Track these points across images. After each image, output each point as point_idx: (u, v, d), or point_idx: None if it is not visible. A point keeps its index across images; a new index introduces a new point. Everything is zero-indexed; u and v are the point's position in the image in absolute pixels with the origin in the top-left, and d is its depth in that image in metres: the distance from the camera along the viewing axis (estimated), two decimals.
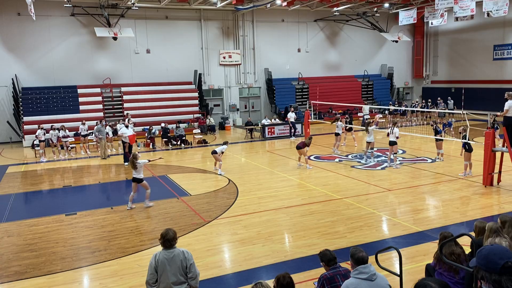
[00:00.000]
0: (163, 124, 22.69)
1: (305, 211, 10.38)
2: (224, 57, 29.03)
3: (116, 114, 25.47)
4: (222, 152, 14.94)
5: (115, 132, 20.33)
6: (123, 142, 17.14)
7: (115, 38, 24.45)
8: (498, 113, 11.94)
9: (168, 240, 4.94)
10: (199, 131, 24.17)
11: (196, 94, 27.76)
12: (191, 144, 21.87)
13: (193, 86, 28.08)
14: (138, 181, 10.89)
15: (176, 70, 27.91)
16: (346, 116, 23.06)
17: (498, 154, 11.92)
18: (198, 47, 28.47)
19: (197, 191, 12.56)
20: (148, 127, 22.82)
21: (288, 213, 10.26)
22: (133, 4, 23.79)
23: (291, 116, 23.45)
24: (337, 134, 17.91)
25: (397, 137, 14.78)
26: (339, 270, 4.68)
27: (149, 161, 12.53)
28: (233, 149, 20.11)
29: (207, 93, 29.20)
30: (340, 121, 18.46)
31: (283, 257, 7.68)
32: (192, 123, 25.94)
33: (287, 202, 11.12)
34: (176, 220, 10.01)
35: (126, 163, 16.69)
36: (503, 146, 11.75)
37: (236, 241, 8.62)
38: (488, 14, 23.93)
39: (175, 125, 23.02)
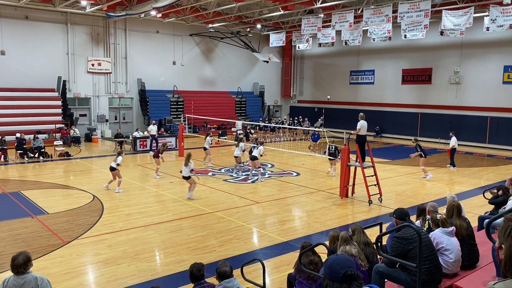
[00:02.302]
0: (18, 135, 20.30)
1: (176, 226, 10.16)
2: (93, 65, 27.28)
3: None
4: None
5: None
6: None
7: None
8: (352, 132, 13.32)
9: (17, 266, 4.37)
10: (62, 143, 22.13)
11: (59, 103, 25.46)
12: (52, 157, 19.92)
13: (56, 94, 25.72)
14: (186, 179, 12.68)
15: (37, 75, 25.32)
16: (242, 132, 23.51)
17: (352, 168, 13.27)
18: (63, 52, 26.28)
19: (56, 209, 11.42)
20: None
21: (158, 229, 9.93)
22: None
23: (152, 129, 22.05)
24: (205, 149, 18.21)
25: (261, 155, 15.89)
26: (204, 285, 4.62)
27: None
28: (101, 163, 18.90)
29: (72, 102, 27.05)
30: (210, 136, 18.80)
31: (150, 276, 7.37)
32: (54, 134, 23.69)
33: (157, 218, 10.76)
34: (29, 242, 8.93)
35: None
36: (356, 161, 13.11)
37: (99, 262, 8.01)
38: (346, 43, 26.80)
39: (33, 135, 20.71)
